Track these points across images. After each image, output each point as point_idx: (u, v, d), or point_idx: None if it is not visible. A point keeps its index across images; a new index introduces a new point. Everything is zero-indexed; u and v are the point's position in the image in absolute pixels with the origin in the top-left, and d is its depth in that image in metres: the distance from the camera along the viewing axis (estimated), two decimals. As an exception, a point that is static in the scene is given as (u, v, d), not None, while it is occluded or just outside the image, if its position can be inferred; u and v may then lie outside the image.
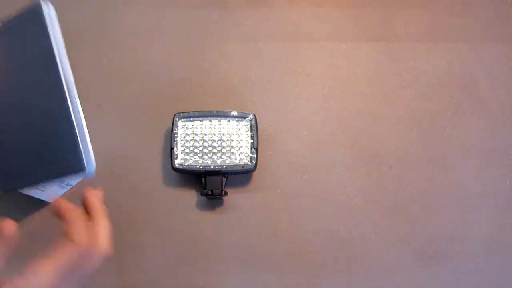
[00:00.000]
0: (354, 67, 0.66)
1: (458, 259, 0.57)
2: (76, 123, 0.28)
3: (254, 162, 0.57)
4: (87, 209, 0.39)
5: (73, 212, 0.37)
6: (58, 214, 0.38)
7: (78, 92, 0.62)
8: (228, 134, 0.58)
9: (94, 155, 0.61)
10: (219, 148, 0.58)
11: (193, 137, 0.58)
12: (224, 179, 0.57)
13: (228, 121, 0.59)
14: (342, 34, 0.68)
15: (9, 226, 0.35)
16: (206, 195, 0.56)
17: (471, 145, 0.62)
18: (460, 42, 0.67)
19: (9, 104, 0.26)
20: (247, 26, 0.68)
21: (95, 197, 0.38)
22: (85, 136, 0.28)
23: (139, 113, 0.62)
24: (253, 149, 0.58)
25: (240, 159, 0.57)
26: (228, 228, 0.58)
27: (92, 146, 0.61)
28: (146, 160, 0.61)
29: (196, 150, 0.58)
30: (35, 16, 0.24)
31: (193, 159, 0.57)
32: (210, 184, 0.56)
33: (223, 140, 0.58)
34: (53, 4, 0.68)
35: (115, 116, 0.62)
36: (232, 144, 0.58)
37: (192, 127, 0.59)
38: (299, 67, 0.66)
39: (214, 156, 0.57)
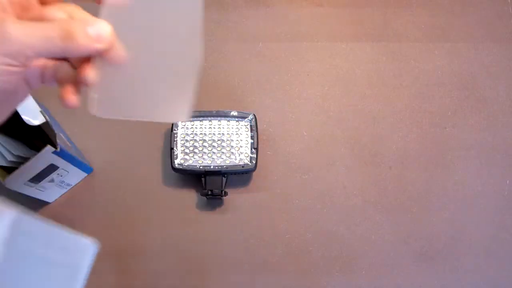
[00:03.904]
0: (354, 67, 0.66)
1: (458, 259, 0.57)
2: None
3: (254, 162, 0.57)
4: None
5: None
6: None
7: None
8: (228, 134, 0.58)
9: (94, 154, 0.61)
10: (219, 148, 0.58)
11: (193, 137, 0.58)
12: (224, 179, 0.57)
13: (228, 121, 0.59)
14: (342, 34, 0.68)
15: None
16: (206, 195, 0.56)
17: (471, 145, 0.62)
18: (460, 42, 0.67)
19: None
20: (247, 26, 0.68)
21: None
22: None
23: (139, 113, 0.62)
24: (253, 149, 0.58)
25: (240, 159, 0.57)
26: (228, 228, 0.58)
27: (91, 145, 0.61)
28: (146, 160, 0.61)
29: (196, 150, 0.58)
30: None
31: (193, 159, 0.57)
32: (210, 184, 0.56)
33: (223, 140, 0.58)
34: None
35: (115, 116, 0.62)
36: (232, 144, 0.58)
37: (192, 127, 0.59)
38: (299, 67, 0.66)
39: (214, 156, 0.57)
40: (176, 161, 0.57)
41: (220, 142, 0.58)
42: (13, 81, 0.26)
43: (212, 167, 0.56)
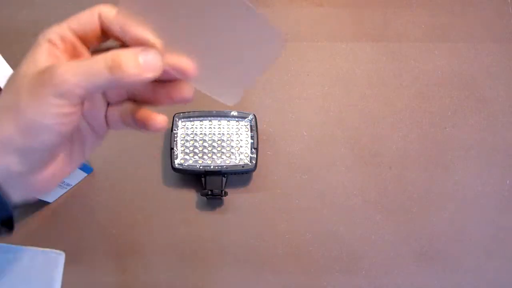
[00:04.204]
0: (354, 67, 0.66)
1: (458, 259, 0.57)
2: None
3: (254, 162, 0.57)
4: None
5: None
6: None
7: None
8: (228, 134, 0.58)
9: (94, 154, 0.61)
10: (219, 148, 0.58)
11: (193, 137, 0.58)
12: (224, 179, 0.57)
13: (228, 121, 0.59)
14: (342, 34, 0.68)
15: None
16: (206, 195, 0.56)
17: (471, 145, 0.62)
18: (460, 42, 0.67)
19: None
20: (247, 26, 0.68)
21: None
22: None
23: (139, 113, 0.62)
24: (253, 149, 0.58)
25: (240, 159, 0.57)
26: (228, 228, 0.58)
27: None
28: (146, 160, 0.61)
29: (196, 150, 0.58)
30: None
31: (193, 159, 0.57)
32: (210, 184, 0.56)
33: (223, 140, 0.58)
34: (52, 4, 0.69)
35: (115, 116, 0.62)
36: (232, 144, 0.58)
37: (192, 127, 0.59)
38: (299, 67, 0.66)
39: (214, 156, 0.57)
40: (176, 161, 0.57)
41: (220, 142, 0.58)
42: (69, 122, 0.25)
43: (212, 167, 0.56)
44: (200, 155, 0.57)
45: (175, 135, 0.58)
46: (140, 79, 0.25)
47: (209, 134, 0.58)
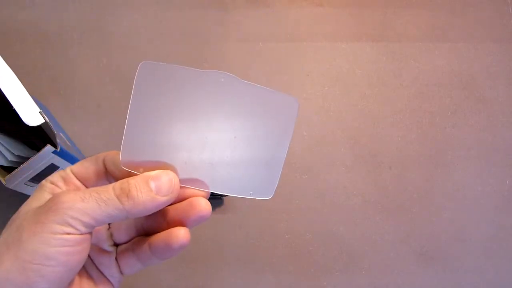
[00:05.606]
0: (354, 67, 0.66)
1: (458, 259, 0.57)
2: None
3: (254, 162, 0.57)
4: None
5: None
6: None
7: (78, 92, 0.62)
8: (228, 134, 0.58)
9: (94, 154, 0.61)
10: (219, 148, 0.58)
11: (193, 137, 0.58)
12: (224, 179, 0.57)
13: (228, 121, 0.59)
14: (342, 34, 0.68)
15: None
16: (206, 195, 0.56)
17: (471, 145, 0.62)
18: (460, 42, 0.67)
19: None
20: (247, 26, 0.68)
21: None
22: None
23: (139, 113, 0.62)
24: (253, 149, 0.58)
25: (240, 159, 0.57)
26: (228, 228, 0.58)
27: (91, 145, 0.61)
28: (146, 160, 0.61)
29: (196, 150, 0.58)
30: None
31: (193, 159, 0.57)
32: (210, 184, 0.56)
33: (223, 140, 0.58)
34: (53, 4, 0.69)
35: (115, 116, 0.62)
36: (232, 144, 0.58)
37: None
38: (299, 67, 0.66)
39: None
40: (176, 161, 0.57)
41: (220, 142, 0.58)
42: (76, 253, 0.23)
43: (212, 167, 0.56)
44: (200, 155, 0.57)
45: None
46: (154, 204, 0.24)
47: (209, 134, 0.58)
